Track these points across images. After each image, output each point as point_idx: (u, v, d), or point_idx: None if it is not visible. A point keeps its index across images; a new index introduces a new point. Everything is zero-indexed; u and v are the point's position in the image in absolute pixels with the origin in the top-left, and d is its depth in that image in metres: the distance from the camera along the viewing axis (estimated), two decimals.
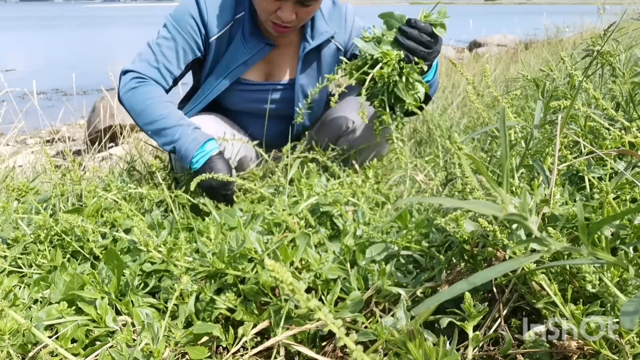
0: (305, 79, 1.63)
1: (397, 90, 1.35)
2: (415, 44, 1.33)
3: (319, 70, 1.64)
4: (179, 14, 1.52)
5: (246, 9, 1.52)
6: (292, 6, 1.42)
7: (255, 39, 1.54)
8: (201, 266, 0.93)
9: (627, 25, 3.06)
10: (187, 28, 1.51)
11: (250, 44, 1.54)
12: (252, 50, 1.54)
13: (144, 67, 1.51)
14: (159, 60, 1.51)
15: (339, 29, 1.62)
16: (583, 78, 0.93)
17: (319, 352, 0.81)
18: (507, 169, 0.42)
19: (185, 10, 1.51)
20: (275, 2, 1.41)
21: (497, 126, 0.92)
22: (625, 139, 0.83)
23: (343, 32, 1.63)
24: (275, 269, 0.34)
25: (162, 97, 1.48)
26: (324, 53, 1.62)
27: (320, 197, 1.14)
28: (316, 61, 1.63)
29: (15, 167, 2.69)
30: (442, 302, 0.41)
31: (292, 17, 1.43)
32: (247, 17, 1.52)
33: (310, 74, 1.64)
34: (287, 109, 1.68)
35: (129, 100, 1.48)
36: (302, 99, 1.65)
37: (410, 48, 1.33)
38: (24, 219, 1.20)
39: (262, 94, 1.64)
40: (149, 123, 1.45)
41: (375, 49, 1.34)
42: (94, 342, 0.86)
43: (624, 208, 0.73)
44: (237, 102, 1.66)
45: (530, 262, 0.62)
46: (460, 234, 0.80)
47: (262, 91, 1.64)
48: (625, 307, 0.41)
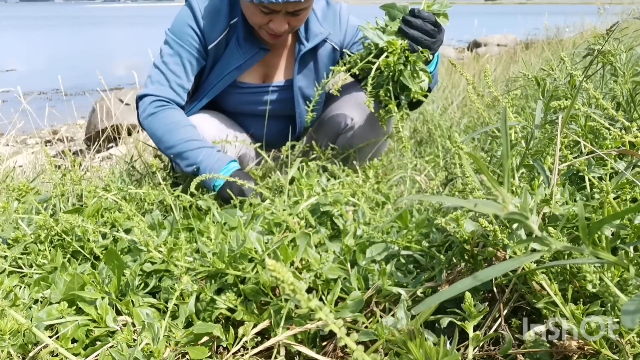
0: (303, 80, 1.64)
1: (402, 79, 1.36)
2: (419, 33, 1.34)
3: (315, 71, 1.65)
4: (177, 27, 1.54)
5: (239, 14, 1.53)
6: (283, 17, 1.43)
7: (249, 44, 1.55)
8: (201, 266, 0.93)
9: (628, 25, 3.06)
10: (188, 39, 1.52)
11: (244, 49, 1.55)
12: (245, 55, 1.56)
13: (157, 89, 1.52)
14: (169, 79, 1.53)
15: (334, 29, 1.63)
16: (583, 78, 0.93)
17: (319, 352, 0.81)
18: (508, 168, 0.42)
19: (183, 22, 1.53)
20: (265, 16, 1.42)
21: (497, 126, 0.92)
22: (625, 139, 0.83)
23: (338, 32, 1.63)
24: (276, 269, 0.34)
25: (181, 122, 1.50)
26: (320, 54, 1.63)
27: (321, 197, 1.14)
28: (312, 62, 1.64)
29: (16, 167, 2.69)
30: (442, 301, 0.41)
31: (284, 27, 1.45)
32: (241, 22, 1.53)
33: (307, 75, 1.65)
34: (285, 109, 1.69)
35: (150, 126, 1.51)
36: (302, 100, 1.66)
37: (414, 37, 1.34)
38: (25, 219, 1.20)
39: (260, 95, 1.66)
40: (170, 147, 1.47)
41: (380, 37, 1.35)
42: (94, 342, 0.86)
43: (624, 208, 0.73)
44: (235, 104, 1.67)
45: (530, 261, 0.62)
46: (460, 234, 0.80)
47: (259, 93, 1.66)
48: (626, 307, 0.41)
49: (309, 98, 1.65)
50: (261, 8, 1.40)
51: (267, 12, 1.41)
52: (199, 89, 1.64)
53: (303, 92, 1.65)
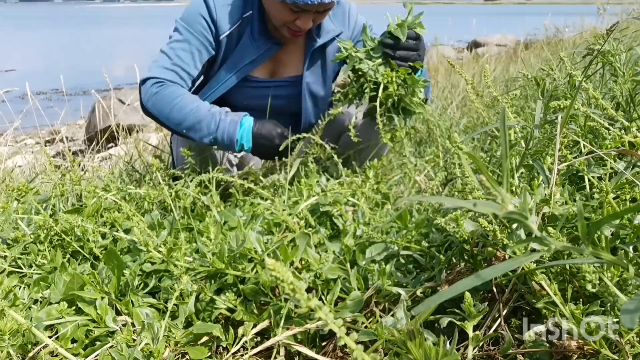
0: (311, 77, 1.66)
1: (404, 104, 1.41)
2: (404, 52, 1.40)
3: (323, 68, 1.67)
4: (189, 15, 1.53)
5: (255, 8, 1.53)
6: (310, 15, 1.45)
7: (263, 39, 1.56)
8: (201, 266, 0.93)
9: (628, 25, 3.06)
10: (199, 28, 1.51)
11: (259, 43, 1.55)
12: (259, 50, 1.56)
13: (161, 71, 1.50)
14: (175, 63, 1.51)
15: (343, 27, 1.65)
16: (583, 78, 0.93)
17: (319, 352, 0.81)
18: (507, 168, 0.42)
19: (195, 10, 1.52)
20: (294, 14, 1.43)
21: (497, 126, 0.92)
22: (625, 139, 0.83)
23: (347, 30, 1.66)
24: (276, 269, 0.34)
25: (185, 95, 1.48)
26: (329, 51, 1.65)
27: (320, 197, 1.14)
28: (321, 59, 1.66)
29: (15, 167, 2.69)
30: (442, 301, 0.41)
31: (310, 24, 1.47)
32: (256, 16, 1.54)
33: (315, 71, 1.66)
34: (292, 105, 1.69)
35: (155, 105, 1.47)
36: (308, 96, 1.68)
37: (401, 57, 1.40)
38: (24, 219, 1.20)
39: (267, 90, 1.66)
40: (180, 122, 1.45)
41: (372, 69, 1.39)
42: (94, 342, 0.86)
43: (623, 208, 0.73)
44: (243, 98, 1.67)
45: (530, 261, 0.62)
46: (460, 234, 0.80)
47: (267, 88, 1.66)
48: (626, 307, 0.41)
49: (315, 94, 1.67)
50: (292, 7, 1.41)
51: (297, 11, 1.42)
52: (207, 83, 1.64)
53: (310, 88, 1.67)
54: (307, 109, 1.69)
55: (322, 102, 1.72)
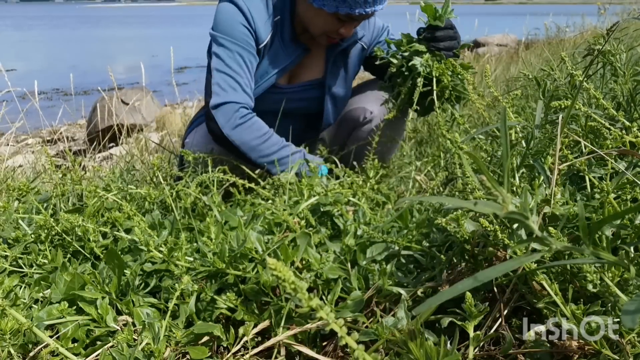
0: (332, 79, 1.66)
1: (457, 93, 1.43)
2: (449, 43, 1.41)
3: (345, 69, 1.67)
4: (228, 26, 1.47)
5: (285, 13, 1.51)
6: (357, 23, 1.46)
7: (294, 45, 1.54)
8: (202, 266, 0.93)
9: (628, 25, 3.06)
10: (244, 38, 1.47)
11: (290, 49, 1.54)
12: (290, 57, 1.55)
13: (234, 95, 1.47)
14: (240, 83, 1.48)
15: (364, 30, 1.66)
16: (584, 78, 0.93)
17: (319, 352, 0.81)
18: (508, 168, 0.42)
19: (233, 20, 1.47)
20: (339, 23, 1.43)
21: (497, 126, 0.92)
22: (626, 139, 0.83)
23: (367, 32, 1.67)
24: (277, 268, 0.34)
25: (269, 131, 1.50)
26: (351, 53, 1.66)
27: (321, 197, 1.14)
28: (343, 61, 1.66)
29: (16, 167, 2.70)
30: (442, 301, 0.41)
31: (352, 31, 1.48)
32: (287, 22, 1.51)
33: (336, 73, 1.66)
34: (313, 107, 1.69)
35: (241, 136, 1.47)
36: (330, 98, 1.68)
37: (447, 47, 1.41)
38: (25, 219, 1.20)
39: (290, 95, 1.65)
40: (265, 156, 1.48)
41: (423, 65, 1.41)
42: (94, 342, 0.86)
43: (624, 208, 0.73)
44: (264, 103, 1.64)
45: (531, 261, 0.62)
46: (461, 234, 0.80)
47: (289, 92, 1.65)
48: (627, 307, 0.41)
49: (336, 96, 1.67)
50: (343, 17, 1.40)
51: (345, 20, 1.42)
52: None
53: (332, 90, 1.67)
54: (328, 111, 1.69)
55: (341, 103, 1.72)
